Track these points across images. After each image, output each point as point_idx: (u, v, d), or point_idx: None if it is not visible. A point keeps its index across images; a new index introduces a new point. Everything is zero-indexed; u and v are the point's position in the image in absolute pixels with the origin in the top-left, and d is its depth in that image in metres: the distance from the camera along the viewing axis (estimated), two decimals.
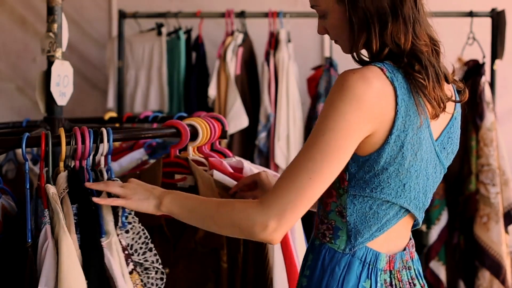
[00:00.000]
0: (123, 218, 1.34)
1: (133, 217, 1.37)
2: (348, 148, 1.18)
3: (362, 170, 1.22)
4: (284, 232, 1.18)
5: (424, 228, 2.99)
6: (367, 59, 1.27)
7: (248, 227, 1.19)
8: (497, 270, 2.86)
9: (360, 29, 1.24)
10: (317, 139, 1.18)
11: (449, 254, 3.05)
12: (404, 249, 1.32)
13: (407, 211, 1.27)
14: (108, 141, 1.40)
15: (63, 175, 1.35)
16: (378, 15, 1.22)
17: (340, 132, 1.16)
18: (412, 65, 1.22)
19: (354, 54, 1.27)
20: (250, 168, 1.67)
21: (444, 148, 1.30)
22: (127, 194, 1.32)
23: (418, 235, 2.88)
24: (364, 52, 1.28)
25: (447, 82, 1.28)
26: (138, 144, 2.10)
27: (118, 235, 1.32)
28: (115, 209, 1.34)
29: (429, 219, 2.98)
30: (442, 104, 1.23)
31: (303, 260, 1.37)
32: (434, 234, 2.98)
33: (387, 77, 1.20)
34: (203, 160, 1.65)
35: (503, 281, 2.86)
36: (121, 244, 1.32)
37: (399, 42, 1.22)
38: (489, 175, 2.90)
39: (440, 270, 2.99)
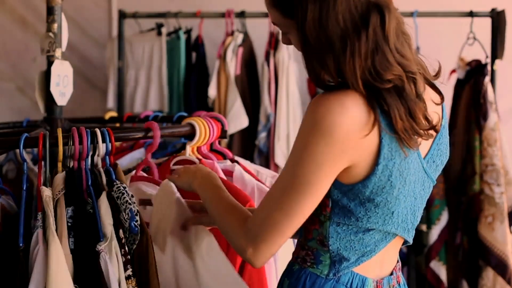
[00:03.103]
0: (133, 223, 1.28)
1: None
2: (321, 183, 1.09)
3: (346, 198, 1.13)
4: (263, 258, 1.13)
5: (424, 228, 2.98)
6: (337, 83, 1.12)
7: (234, 246, 1.19)
8: (503, 270, 2.84)
9: (317, 59, 1.10)
10: (289, 173, 1.11)
11: (450, 254, 3.04)
12: (391, 273, 1.24)
13: (396, 234, 1.19)
14: (104, 141, 1.38)
15: (59, 176, 1.33)
16: (330, 48, 1.07)
17: (311, 168, 1.07)
18: (381, 106, 1.08)
19: (317, 83, 1.14)
20: (241, 172, 1.63)
21: (434, 162, 1.21)
22: (178, 173, 1.39)
23: (418, 235, 2.87)
24: None
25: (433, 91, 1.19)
26: (138, 144, 2.09)
27: (122, 239, 1.28)
28: (115, 213, 1.30)
29: (429, 219, 2.95)
30: (423, 136, 1.11)
31: (277, 286, 1.27)
32: (434, 234, 2.97)
33: (367, 101, 1.08)
34: (196, 160, 1.63)
35: (508, 281, 2.84)
36: (124, 249, 1.28)
37: (357, 81, 1.07)
38: (494, 175, 2.88)
39: (440, 270, 2.98)
